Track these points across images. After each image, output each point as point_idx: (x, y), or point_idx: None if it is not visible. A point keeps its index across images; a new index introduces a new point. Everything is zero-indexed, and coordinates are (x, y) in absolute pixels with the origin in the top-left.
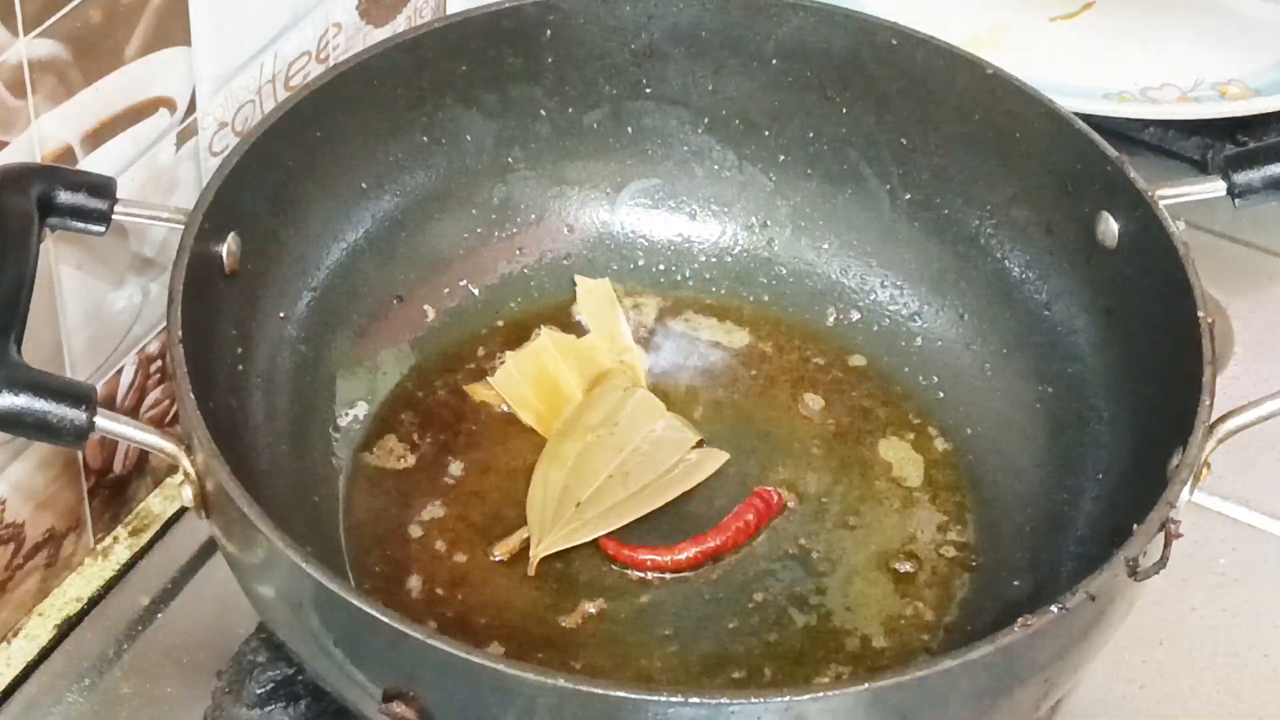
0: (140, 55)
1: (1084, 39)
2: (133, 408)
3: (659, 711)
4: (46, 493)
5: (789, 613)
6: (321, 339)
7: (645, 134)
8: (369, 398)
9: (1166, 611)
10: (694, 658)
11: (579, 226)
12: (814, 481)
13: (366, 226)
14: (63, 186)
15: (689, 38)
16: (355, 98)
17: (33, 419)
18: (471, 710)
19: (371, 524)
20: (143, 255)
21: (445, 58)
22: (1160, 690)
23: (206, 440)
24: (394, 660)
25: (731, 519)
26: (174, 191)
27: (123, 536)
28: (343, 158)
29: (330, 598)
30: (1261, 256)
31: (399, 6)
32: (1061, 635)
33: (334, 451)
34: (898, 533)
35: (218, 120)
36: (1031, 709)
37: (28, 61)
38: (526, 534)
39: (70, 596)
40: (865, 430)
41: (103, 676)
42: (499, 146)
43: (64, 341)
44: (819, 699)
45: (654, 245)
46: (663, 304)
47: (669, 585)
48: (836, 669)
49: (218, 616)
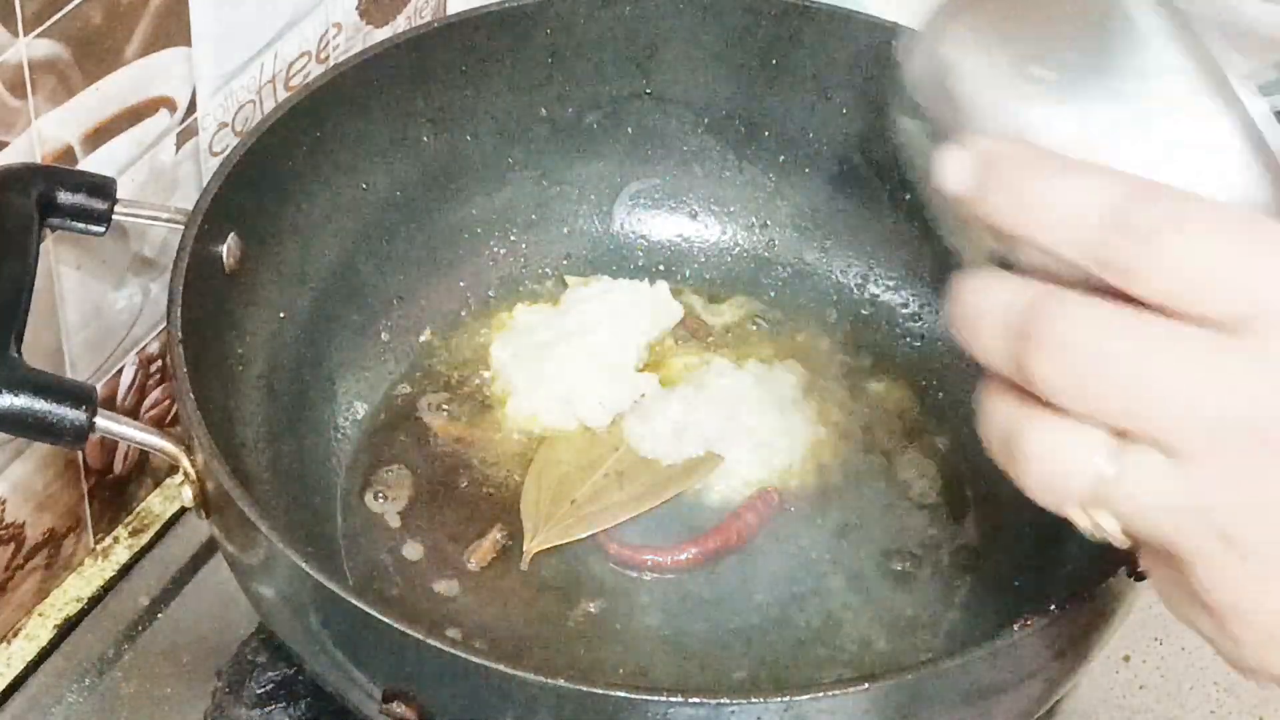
0: (140, 55)
1: None
2: (133, 408)
3: (659, 711)
4: (46, 493)
5: (789, 613)
6: (321, 339)
7: (645, 134)
8: (369, 398)
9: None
10: (694, 658)
11: (579, 227)
12: (814, 481)
13: (367, 226)
14: (63, 186)
15: (689, 38)
16: (355, 98)
17: (33, 419)
18: (471, 710)
19: (371, 523)
20: (143, 255)
21: (445, 58)
22: (1160, 690)
23: (206, 440)
24: (394, 660)
25: (731, 519)
26: (174, 191)
27: (123, 536)
28: (343, 158)
29: (330, 598)
30: None
31: (399, 6)
32: (1061, 635)
33: (334, 452)
34: (898, 533)
35: (218, 120)
36: (1031, 709)
37: (28, 61)
38: (498, 536)
39: (70, 596)
40: (865, 430)
41: (103, 676)
42: (499, 146)
43: (64, 341)
44: (819, 699)
45: (654, 245)
46: None
47: (669, 585)
48: (836, 669)
49: (218, 616)
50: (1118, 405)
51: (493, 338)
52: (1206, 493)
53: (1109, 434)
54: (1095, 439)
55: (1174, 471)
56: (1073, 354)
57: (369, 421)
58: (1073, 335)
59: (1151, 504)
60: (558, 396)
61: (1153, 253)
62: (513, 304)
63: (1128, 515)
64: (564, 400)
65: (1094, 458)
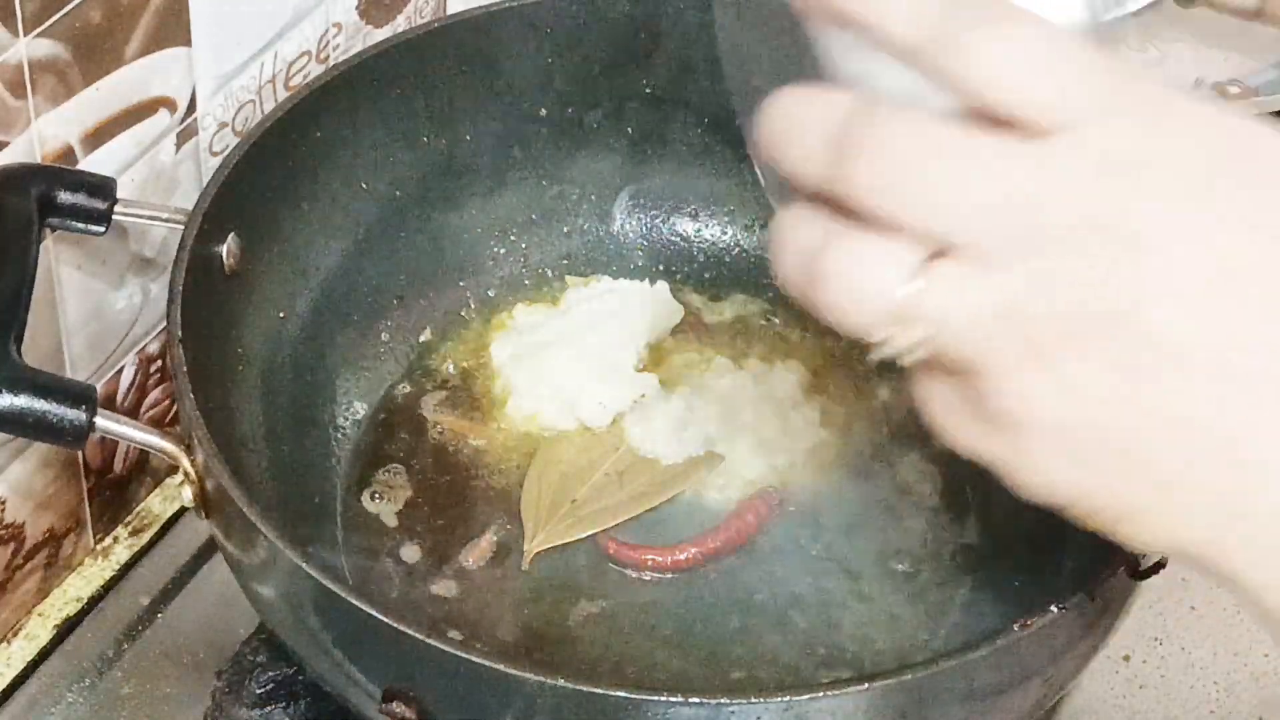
0: (140, 55)
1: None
2: (133, 408)
3: (659, 711)
4: (46, 493)
5: (789, 613)
6: (321, 339)
7: (645, 134)
8: (369, 397)
9: (1166, 611)
10: (694, 658)
11: (579, 226)
12: (814, 481)
13: (367, 226)
14: (63, 187)
15: (689, 37)
16: (355, 98)
17: (33, 419)
18: (471, 710)
19: (370, 524)
20: (143, 255)
21: (445, 58)
22: (1160, 690)
23: (206, 440)
24: (394, 660)
25: (731, 519)
26: (174, 191)
27: (123, 536)
28: (343, 157)
29: (330, 598)
30: None
31: (399, 6)
32: (1061, 635)
33: (334, 451)
34: (898, 533)
35: (218, 120)
36: (1031, 709)
37: (28, 61)
38: (494, 534)
39: (70, 596)
40: (866, 430)
41: (103, 676)
42: (499, 146)
43: (64, 341)
44: (819, 699)
45: (654, 245)
46: None
47: (669, 585)
48: (836, 669)
49: (218, 616)
50: (930, 209)
51: (493, 338)
52: (1013, 300)
53: (916, 249)
54: (903, 253)
55: (982, 280)
56: (891, 158)
57: (369, 421)
58: (892, 141)
59: (959, 313)
60: (558, 396)
61: (968, 48)
62: (513, 304)
63: (934, 326)
64: (564, 400)
65: (902, 270)
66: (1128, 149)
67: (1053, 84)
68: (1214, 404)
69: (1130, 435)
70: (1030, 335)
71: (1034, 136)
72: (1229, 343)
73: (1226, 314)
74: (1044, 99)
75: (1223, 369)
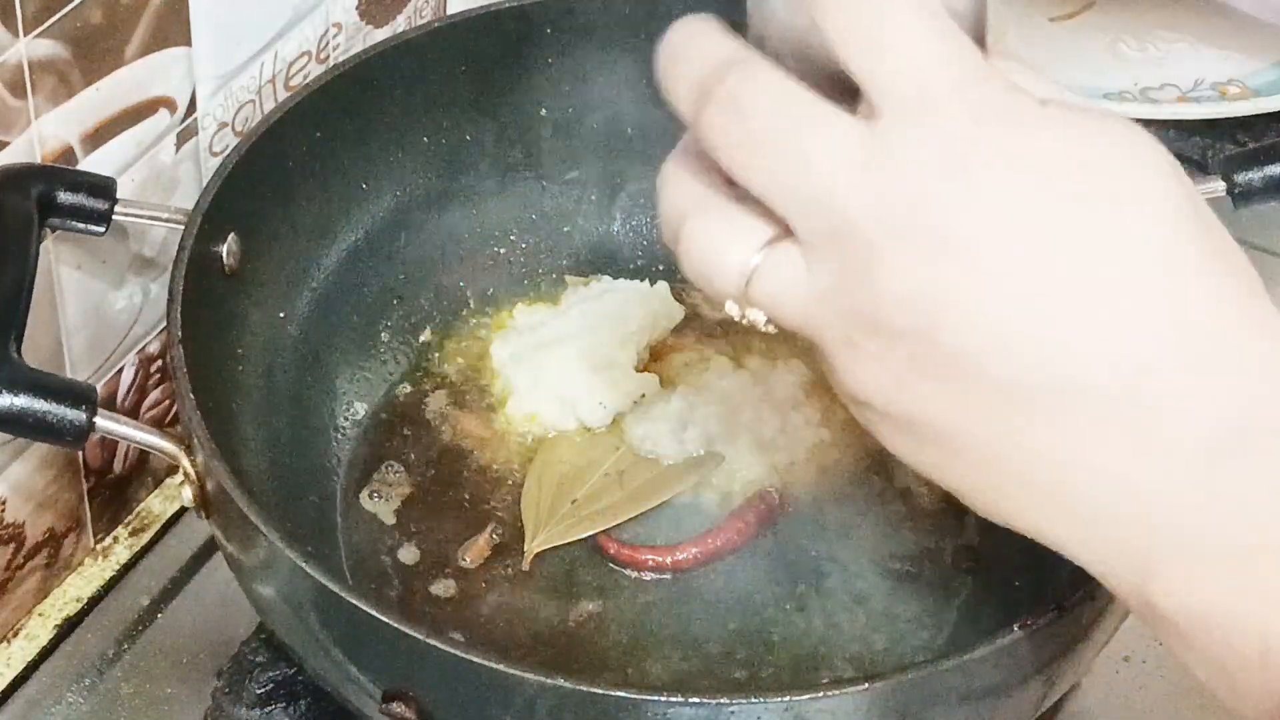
0: (140, 55)
1: (1083, 39)
2: (133, 408)
3: (659, 711)
4: (46, 493)
5: (789, 613)
6: (321, 339)
7: (645, 134)
8: (369, 397)
9: None
10: (694, 658)
11: (579, 226)
12: (814, 482)
13: (366, 226)
14: (63, 187)
15: None
16: (355, 98)
17: (33, 419)
18: (471, 710)
19: (371, 523)
20: (143, 255)
21: (445, 58)
22: (1160, 690)
23: (206, 440)
24: (394, 660)
25: (731, 519)
26: (174, 191)
27: (123, 536)
28: (342, 158)
29: (330, 598)
30: (1261, 256)
31: (399, 6)
32: (1061, 635)
33: (334, 451)
34: (898, 533)
35: (218, 120)
36: (1031, 709)
37: (28, 61)
38: (491, 533)
39: (70, 596)
40: (866, 431)
41: (103, 676)
42: (499, 146)
43: (64, 341)
44: (819, 699)
45: (654, 245)
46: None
47: (669, 585)
48: (836, 669)
49: (218, 616)
50: (763, 178)
51: (493, 338)
52: (825, 293)
53: (771, 231)
54: (753, 232)
55: (805, 269)
56: (739, 115)
57: (369, 421)
58: (746, 98)
59: (784, 300)
60: (558, 396)
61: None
62: (513, 304)
63: (766, 309)
64: (564, 400)
65: (745, 250)
66: (956, 151)
67: (895, 65)
68: (1002, 421)
69: (941, 426)
70: (845, 326)
71: (870, 117)
72: (1019, 359)
73: (1020, 331)
74: (883, 81)
75: (1013, 387)
